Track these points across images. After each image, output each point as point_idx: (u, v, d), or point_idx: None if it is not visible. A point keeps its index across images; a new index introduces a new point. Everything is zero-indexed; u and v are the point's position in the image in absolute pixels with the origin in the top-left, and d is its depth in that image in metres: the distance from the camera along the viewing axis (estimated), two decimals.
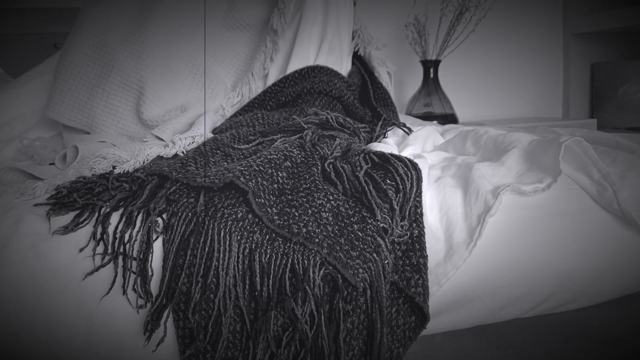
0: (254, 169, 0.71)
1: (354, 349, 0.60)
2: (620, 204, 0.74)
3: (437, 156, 0.94)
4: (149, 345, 0.61)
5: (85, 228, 0.66)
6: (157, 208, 0.68)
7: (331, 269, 0.61)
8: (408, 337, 0.66)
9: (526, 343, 0.75)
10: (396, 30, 2.46)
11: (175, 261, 0.63)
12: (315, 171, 0.75)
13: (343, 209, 0.69)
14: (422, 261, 0.67)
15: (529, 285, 0.74)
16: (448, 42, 2.28)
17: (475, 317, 0.75)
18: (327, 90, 1.24)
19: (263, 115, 1.06)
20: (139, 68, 1.24)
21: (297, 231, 0.63)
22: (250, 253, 0.63)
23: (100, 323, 0.62)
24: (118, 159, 0.87)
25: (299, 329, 0.59)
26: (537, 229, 0.75)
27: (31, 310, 0.61)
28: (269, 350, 0.59)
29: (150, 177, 0.75)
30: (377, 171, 0.76)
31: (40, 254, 0.63)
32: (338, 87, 1.26)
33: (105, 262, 0.63)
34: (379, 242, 0.65)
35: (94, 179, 0.76)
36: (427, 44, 2.30)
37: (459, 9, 2.23)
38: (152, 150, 0.91)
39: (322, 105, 1.21)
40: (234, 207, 0.66)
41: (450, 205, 0.74)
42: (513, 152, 0.84)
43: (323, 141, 0.85)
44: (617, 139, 0.92)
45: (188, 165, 0.78)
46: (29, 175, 0.91)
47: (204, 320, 0.61)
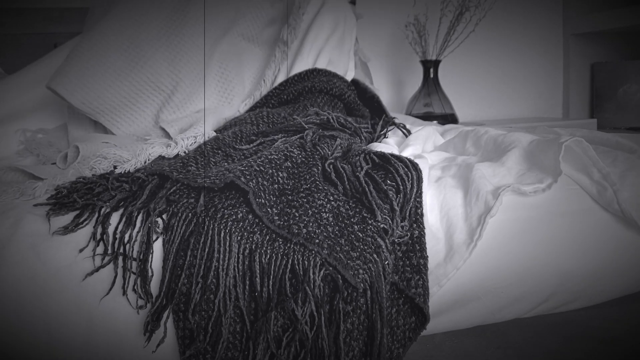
0: (254, 169, 0.71)
1: (354, 350, 0.60)
2: (620, 204, 0.74)
3: (438, 156, 0.94)
4: (149, 346, 0.61)
5: (85, 228, 0.66)
6: (157, 208, 0.68)
7: (331, 270, 0.61)
8: (408, 338, 0.66)
9: (526, 343, 0.75)
10: (396, 30, 2.46)
11: (175, 262, 0.63)
12: (315, 171, 0.75)
13: (343, 209, 0.69)
14: (423, 262, 0.67)
15: (529, 286, 0.74)
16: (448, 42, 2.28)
17: (476, 317, 0.75)
18: (328, 89, 1.25)
19: (268, 114, 1.06)
20: (173, 71, 1.23)
21: (298, 232, 0.63)
22: (251, 254, 0.63)
23: (100, 323, 0.62)
24: (119, 159, 0.87)
25: (299, 329, 0.59)
26: (538, 229, 0.75)
27: (31, 310, 0.61)
28: (269, 351, 0.59)
29: (150, 177, 0.75)
30: (378, 171, 0.76)
31: (40, 254, 0.63)
32: (338, 85, 1.28)
33: (105, 263, 0.63)
34: (380, 242, 0.65)
35: (93, 179, 0.75)
36: (427, 44, 2.30)
37: (459, 9, 2.23)
38: (154, 149, 0.91)
39: (323, 103, 1.23)
40: (234, 208, 0.66)
41: (451, 206, 0.74)
42: (513, 152, 0.84)
43: (324, 141, 0.85)
44: (617, 139, 0.92)
45: (189, 166, 0.77)
46: (29, 174, 0.91)
47: (204, 321, 0.61)
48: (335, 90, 1.26)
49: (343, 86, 1.30)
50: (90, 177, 0.77)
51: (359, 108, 1.31)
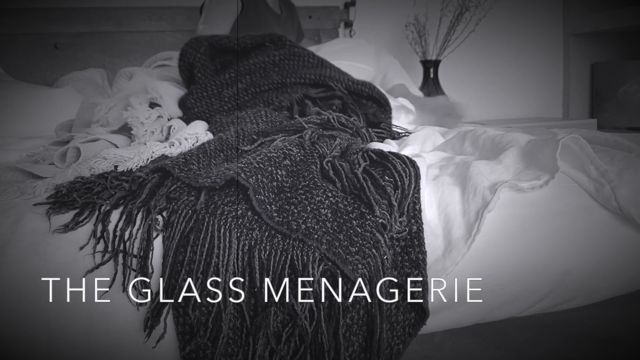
0: (254, 166, 0.71)
1: (354, 345, 0.61)
2: (618, 200, 0.74)
3: (436, 156, 0.94)
4: (148, 342, 0.61)
5: (85, 226, 0.67)
6: (157, 206, 0.68)
7: (330, 265, 0.61)
8: (408, 334, 0.66)
9: (526, 343, 0.75)
10: (396, 30, 2.46)
11: (175, 258, 0.64)
12: (314, 169, 0.75)
13: (342, 205, 0.69)
14: (421, 257, 0.67)
15: (528, 283, 0.74)
16: (448, 42, 2.28)
17: (475, 315, 0.75)
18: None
19: (266, 113, 1.06)
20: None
21: (296, 228, 0.63)
22: (250, 250, 0.63)
23: (100, 320, 0.62)
24: (120, 159, 0.87)
25: (298, 324, 0.59)
26: (536, 226, 0.75)
27: (31, 308, 0.61)
28: (268, 346, 0.59)
29: (150, 176, 0.75)
30: (376, 168, 0.76)
31: (41, 252, 0.63)
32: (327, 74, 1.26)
33: (106, 260, 0.63)
34: (378, 237, 0.65)
35: (92, 179, 0.76)
36: (427, 44, 2.31)
37: (459, 9, 2.24)
38: (157, 149, 0.91)
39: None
40: (233, 205, 0.67)
41: (449, 202, 0.74)
42: (511, 151, 0.84)
43: (322, 140, 0.85)
44: (616, 138, 0.93)
45: (191, 164, 0.78)
46: (29, 174, 0.91)
47: (204, 317, 0.61)
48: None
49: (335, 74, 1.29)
50: (89, 177, 0.77)
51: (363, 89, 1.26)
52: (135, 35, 2.38)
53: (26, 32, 2.24)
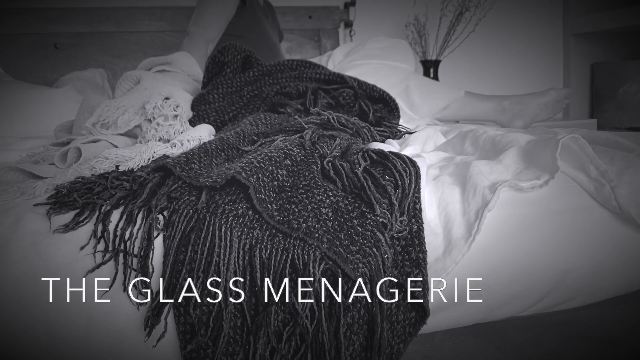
0: (254, 165, 0.71)
1: (355, 344, 0.61)
2: (618, 200, 0.74)
3: (436, 156, 0.94)
4: (149, 341, 0.61)
5: (85, 226, 0.67)
6: (158, 205, 0.68)
7: (331, 264, 0.61)
8: (408, 333, 0.66)
9: (526, 343, 0.75)
10: (396, 30, 2.46)
11: (176, 257, 0.64)
12: (314, 169, 0.75)
13: (342, 204, 0.69)
14: (422, 256, 0.67)
15: (528, 283, 0.74)
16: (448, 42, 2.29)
17: (475, 315, 0.75)
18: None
19: (265, 116, 1.07)
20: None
21: (297, 227, 0.63)
22: (251, 249, 0.63)
23: (100, 320, 0.62)
24: (121, 159, 0.87)
25: (299, 323, 0.59)
26: (536, 226, 0.75)
27: (31, 308, 0.61)
28: (269, 345, 0.59)
29: (151, 175, 0.75)
30: (376, 168, 0.76)
31: (41, 252, 0.63)
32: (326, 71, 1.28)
33: (106, 259, 0.63)
34: (379, 236, 0.65)
35: (92, 179, 0.76)
36: (427, 44, 2.31)
37: (459, 9, 2.24)
38: (159, 149, 0.91)
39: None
40: (234, 204, 0.67)
41: (449, 202, 0.74)
42: (511, 151, 0.84)
43: (323, 140, 0.86)
44: (616, 138, 0.93)
45: (192, 163, 0.78)
46: (29, 174, 0.91)
47: (204, 316, 0.61)
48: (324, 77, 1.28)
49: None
50: (89, 177, 0.77)
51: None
52: (135, 35, 2.38)
53: (26, 32, 2.24)
